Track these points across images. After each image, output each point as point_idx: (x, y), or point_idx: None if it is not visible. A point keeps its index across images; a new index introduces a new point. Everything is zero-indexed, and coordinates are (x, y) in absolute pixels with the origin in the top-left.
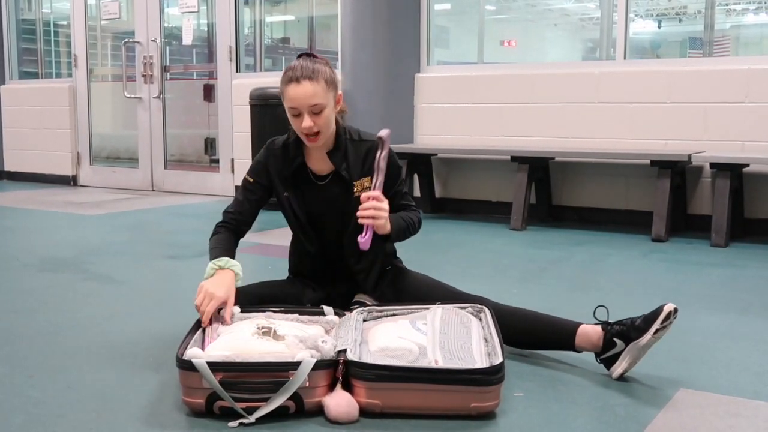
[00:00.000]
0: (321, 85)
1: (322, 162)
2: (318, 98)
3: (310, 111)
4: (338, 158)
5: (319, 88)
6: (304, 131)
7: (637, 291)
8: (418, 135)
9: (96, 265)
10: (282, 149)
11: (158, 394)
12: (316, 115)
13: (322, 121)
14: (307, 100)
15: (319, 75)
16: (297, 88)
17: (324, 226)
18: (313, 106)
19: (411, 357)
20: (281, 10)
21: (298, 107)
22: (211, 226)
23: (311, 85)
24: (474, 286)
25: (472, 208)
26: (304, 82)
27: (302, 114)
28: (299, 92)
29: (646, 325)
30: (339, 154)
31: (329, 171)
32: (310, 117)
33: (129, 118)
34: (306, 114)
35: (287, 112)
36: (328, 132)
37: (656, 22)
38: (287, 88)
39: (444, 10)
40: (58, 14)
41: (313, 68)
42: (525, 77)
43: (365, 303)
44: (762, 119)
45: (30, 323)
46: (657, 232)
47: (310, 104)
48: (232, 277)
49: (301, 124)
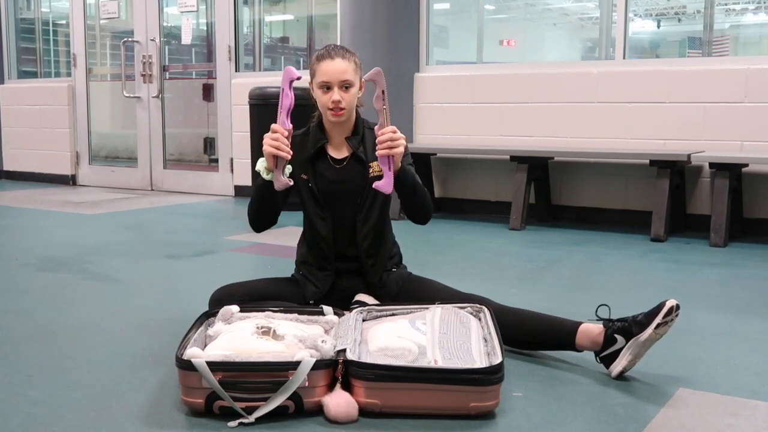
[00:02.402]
0: (352, 65)
1: (341, 146)
2: (349, 75)
3: (341, 85)
4: (356, 142)
5: (350, 67)
6: (331, 105)
7: (636, 291)
8: (418, 134)
9: (95, 265)
10: (301, 137)
11: (157, 394)
12: (345, 91)
13: (350, 97)
14: (340, 75)
15: (351, 57)
16: (331, 63)
17: (338, 206)
18: (344, 81)
19: (410, 357)
20: (280, 10)
21: (331, 81)
22: (210, 225)
23: (344, 62)
24: (473, 286)
25: (471, 207)
26: (338, 59)
27: (332, 89)
28: (333, 67)
29: (647, 320)
30: (357, 138)
31: (347, 155)
32: (339, 91)
33: (128, 118)
34: (336, 88)
35: (316, 90)
36: (351, 111)
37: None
38: (321, 63)
39: (443, 10)
40: (57, 13)
41: (344, 51)
42: (524, 77)
43: (365, 303)
44: (761, 119)
45: (29, 323)
46: (656, 231)
47: (342, 79)
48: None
49: (330, 98)
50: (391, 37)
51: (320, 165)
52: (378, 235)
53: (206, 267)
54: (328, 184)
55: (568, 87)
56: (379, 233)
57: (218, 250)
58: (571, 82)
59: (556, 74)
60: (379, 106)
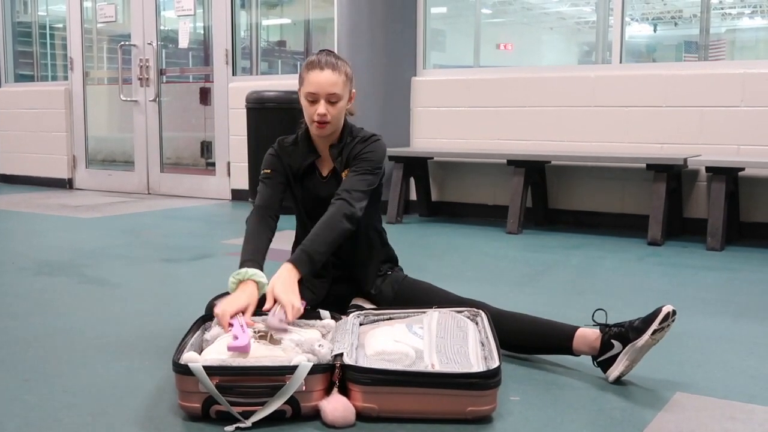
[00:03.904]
0: (341, 78)
1: (328, 161)
2: (337, 88)
3: (327, 99)
4: (336, 152)
5: (339, 80)
6: (316, 118)
7: (633, 294)
8: (414, 138)
9: (92, 269)
10: (293, 146)
11: (154, 398)
12: (332, 104)
13: (336, 111)
14: (328, 87)
15: (341, 69)
16: (320, 75)
17: None
18: (331, 95)
19: (407, 361)
20: (277, 13)
21: (318, 93)
22: (207, 229)
23: (333, 74)
24: (470, 290)
25: (468, 211)
26: (327, 71)
27: (319, 101)
28: (321, 79)
29: (644, 325)
30: (338, 148)
31: (331, 167)
32: (325, 105)
33: (125, 121)
34: (322, 101)
35: (302, 99)
36: (336, 124)
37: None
38: (309, 73)
39: (440, 14)
40: (54, 17)
41: (336, 62)
42: (521, 81)
43: (362, 307)
44: (758, 123)
45: (25, 327)
46: (653, 235)
47: (329, 92)
48: (253, 287)
49: (315, 110)
50: (388, 40)
51: (308, 181)
52: (366, 243)
53: (203, 271)
54: (313, 200)
55: (565, 91)
56: (366, 240)
57: (215, 253)
58: (568, 86)
59: (553, 78)
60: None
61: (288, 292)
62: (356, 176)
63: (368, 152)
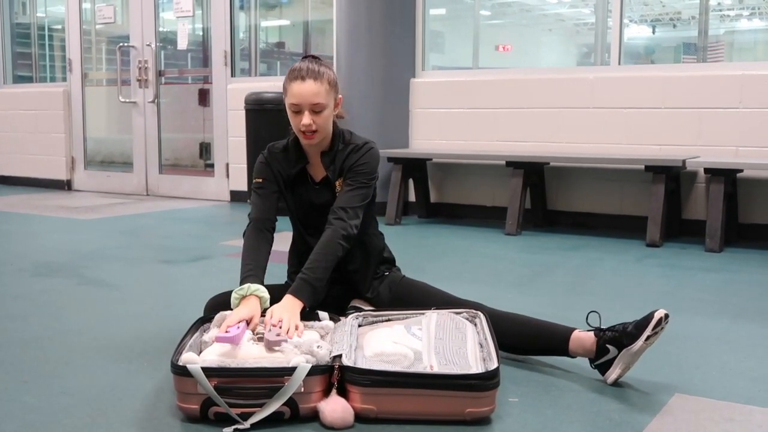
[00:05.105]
0: (324, 86)
1: (320, 168)
2: (320, 98)
3: (311, 109)
4: (328, 160)
5: (322, 89)
6: (302, 128)
7: (632, 296)
8: (413, 140)
9: (90, 270)
10: (283, 152)
11: (153, 400)
12: (316, 114)
13: (321, 120)
14: (310, 98)
15: (324, 77)
16: (302, 86)
17: (320, 224)
18: (315, 105)
19: (406, 362)
20: (276, 15)
21: (301, 104)
22: (205, 230)
23: (315, 84)
24: (468, 291)
25: (467, 213)
26: (309, 81)
27: (303, 111)
28: (303, 90)
29: (637, 331)
30: (331, 155)
31: (324, 174)
32: (310, 115)
33: (124, 123)
34: (307, 112)
35: (288, 109)
36: (324, 132)
37: (650, 28)
38: (292, 84)
39: (439, 15)
40: (52, 18)
41: (318, 69)
42: (520, 82)
43: (361, 308)
44: (756, 125)
45: (24, 328)
46: (651, 237)
47: (312, 102)
48: (256, 302)
49: (300, 121)
50: (387, 42)
51: (300, 187)
52: (362, 249)
53: (202, 272)
54: (306, 207)
55: (564, 92)
56: (361, 246)
57: (214, 255)
58: (566, 88)
59: (552, 80)
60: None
61: (289, 313)
62: (351, 191)
63: (362, 164)
